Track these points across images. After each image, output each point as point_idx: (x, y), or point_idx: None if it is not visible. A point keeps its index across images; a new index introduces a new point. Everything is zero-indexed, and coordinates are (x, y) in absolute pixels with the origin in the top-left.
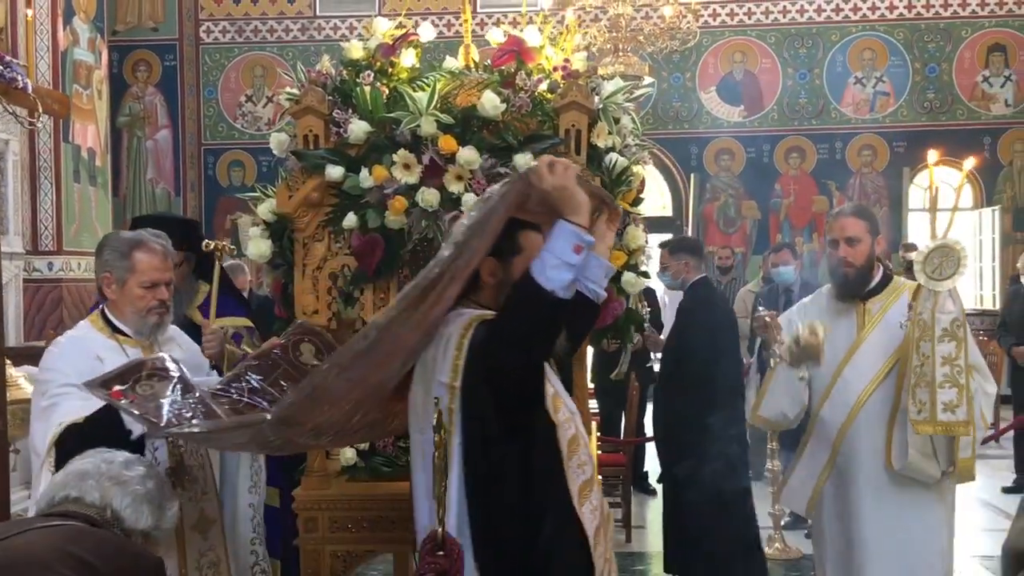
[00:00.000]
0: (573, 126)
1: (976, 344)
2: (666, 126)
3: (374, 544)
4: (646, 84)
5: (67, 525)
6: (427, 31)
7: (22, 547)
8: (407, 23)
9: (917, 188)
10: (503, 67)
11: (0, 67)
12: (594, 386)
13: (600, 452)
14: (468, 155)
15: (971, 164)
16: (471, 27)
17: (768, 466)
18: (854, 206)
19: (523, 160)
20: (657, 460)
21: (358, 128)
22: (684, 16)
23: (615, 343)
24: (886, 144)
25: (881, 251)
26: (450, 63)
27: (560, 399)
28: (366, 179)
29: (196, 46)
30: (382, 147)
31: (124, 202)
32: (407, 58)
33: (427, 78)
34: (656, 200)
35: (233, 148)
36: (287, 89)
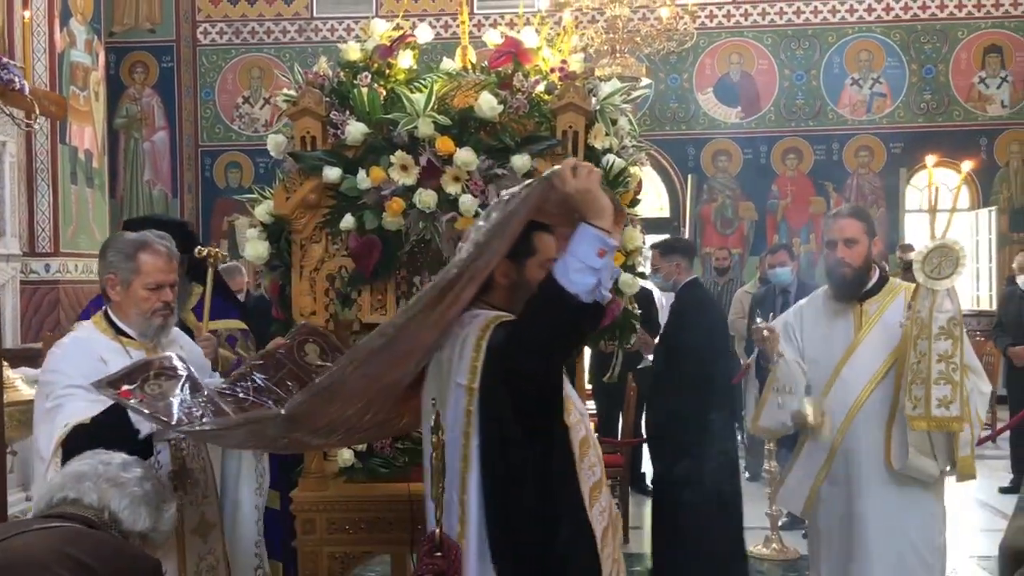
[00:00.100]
0: (570, 127)
1: (972, 345)
2: (663, 127)
3: (372, 545)
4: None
5: (65, 527)
6: (424, 32)
7: (20, 548)
8: (404, 24)
9: (914, 189)
10: (500, 68)
11: None
12: (591, 387)
13: None
14: (465, 156)
15: (969, 166)
16: (468, 28)
17: (765, 467)
18: (851, 207)
19: (520, 161)
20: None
21: (355, 129)
22: (681, 17)
23: (612, 343)
24: (883, 145)
25: (878, 252)
26: (447, 64)
27: (571, 401)
28: (363, 180)
29: (193, 48)
30: (379, 148)
31: (121, 204)
32: (404, 59)
33: (424, 79)
34: (653, 201)
35: (230, 150)
36: (284, 91)
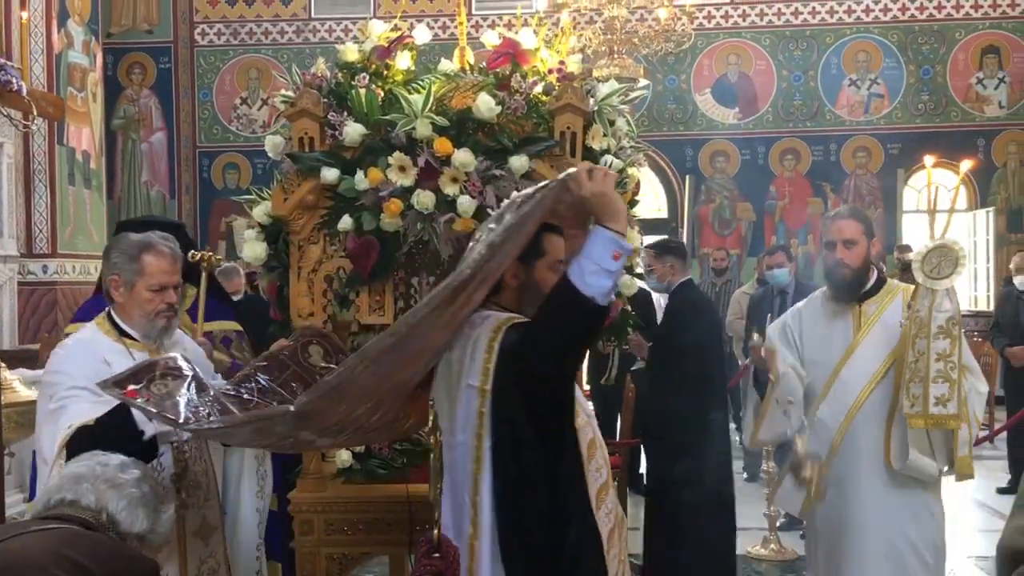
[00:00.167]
0: (568, 128)
1: (969, 345)
2: (661, 128)
3: (370, 546)
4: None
5: (62, 528)
6: (422, 33)
7: (18, 550)
8: (402, 25)
9: (911, 190)
10: (498, 69)
11: None
12: (589, 388)
13: None
14: (463, 157)
15: (968, 167)
16: (466, 29)
17: (764, 467)
18: (850, 208)
19: (518, 162)
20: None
21: (353, 131)
22: (679, 18)
23: (610, 344)
24: (880, 146)
25: (876, 253)
26: (445, 65)
27: (578, 403)
28: (361, 181)
29: (191, 49)
30: (377, 149)
31: (119, 205)
32: (402, 61)
33: (422, 80)
34: (651, 202)
35: (228, 151)
36: (282, 92)
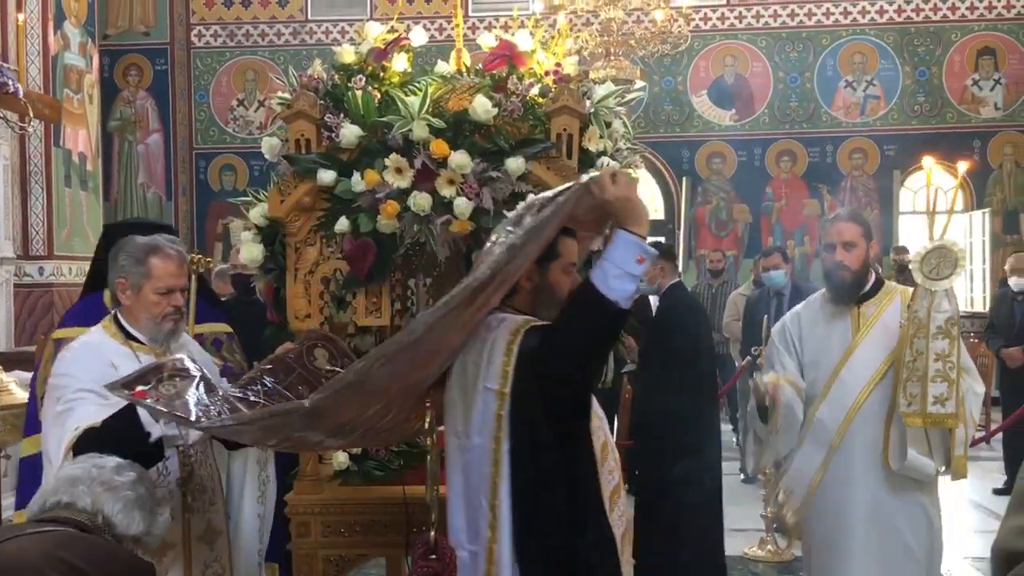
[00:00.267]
0: (564, 130)
1: (966, 346)
2: (657, 130)
3: (367, 548)
4: (637, 88)
5: (58, 531)
6: (419, 35)
7: (13, 553)
8: (399, 27)
9: (908, 191)
10: (495, 71)
11: None
12: None
13: None
14: (460, 159)
15: (965, 167)
16: (463, 31)
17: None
18: (850, 211)
19: (515, 164)
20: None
21: (350, 132)
22: (675, 20)
23: None
24: (877, 147)
25: (873, 255)
26: (442, 67)
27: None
28: (358, 183)
29: (187, 50)
30: (374, 151)
31: (115, 206)
32: (399, 62)
33: (419, 82)
34: (648, 204)
35: (225, 152)
36: (279, 93)
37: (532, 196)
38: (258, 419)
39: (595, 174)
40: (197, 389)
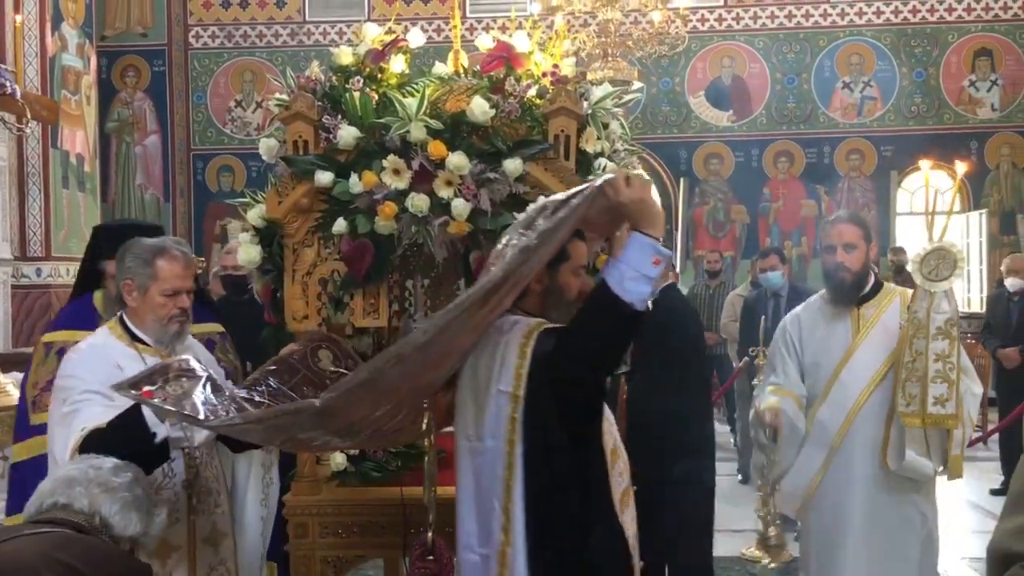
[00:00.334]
0: (562, 131)
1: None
2: (655, 131)
3: (364, 549)
4: (635, 89)
5: (55, 532)
6: (416, 37)
7: (10, 554)
8: (396, 28)
9: (905, 192)
10: (492, 73)
11: None
12: None
13: None
14: (457, 160)
15: (964, 168)
16: (460, 33)
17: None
18: (849, 212)
19: (512, 165)
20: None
21: (347, 134)
22: (673, 21)
23: None
24: (874, 148)
25: (873, 256)
26: (439, 69)
27: None
28: (356, 185)
29: (185, 51)
30: (372, 153)
31: (113, 208)
32: (396, 64)
33: (416, 84)
34: None
35: (222, 153)
36: (276, 95)
37: (543, 198)
38: (267, 418)
39: (609, 176)
40: (204, 389)
